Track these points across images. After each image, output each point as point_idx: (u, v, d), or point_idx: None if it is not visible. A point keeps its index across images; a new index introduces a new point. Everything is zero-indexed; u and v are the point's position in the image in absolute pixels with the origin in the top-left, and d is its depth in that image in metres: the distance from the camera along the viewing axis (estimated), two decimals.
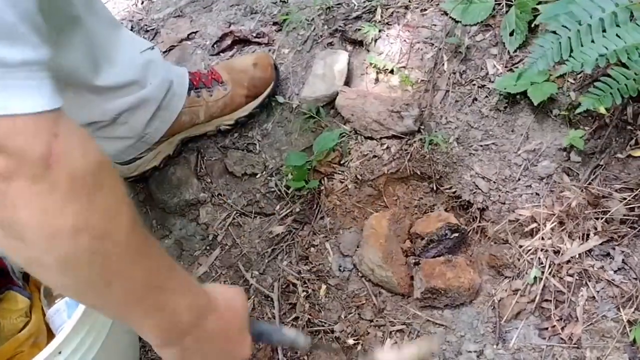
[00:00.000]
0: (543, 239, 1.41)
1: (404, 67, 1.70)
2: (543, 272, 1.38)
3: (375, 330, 1.42)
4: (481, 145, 1.56)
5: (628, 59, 1.20)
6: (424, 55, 1.71)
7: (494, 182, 1.51)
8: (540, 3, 1.61)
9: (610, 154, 1.47)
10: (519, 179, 1.50)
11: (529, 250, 1.42)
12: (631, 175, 1.43)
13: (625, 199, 1.39)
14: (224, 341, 0.93)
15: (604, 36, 1.21)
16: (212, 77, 1.68)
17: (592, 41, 1.22)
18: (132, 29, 2.07)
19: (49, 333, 1.33)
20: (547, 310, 1.36)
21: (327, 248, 1.55)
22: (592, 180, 1.45)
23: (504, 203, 1.49)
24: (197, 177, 1.71)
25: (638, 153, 1.44)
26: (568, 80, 1.56)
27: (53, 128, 0.64)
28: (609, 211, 1.39)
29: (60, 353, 1.05)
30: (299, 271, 1.52)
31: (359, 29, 1.76)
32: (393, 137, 1.61)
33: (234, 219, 1.64)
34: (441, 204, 1.57)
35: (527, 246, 1.42)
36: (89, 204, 0.68)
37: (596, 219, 1.40)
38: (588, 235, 1.39)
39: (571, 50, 1.24)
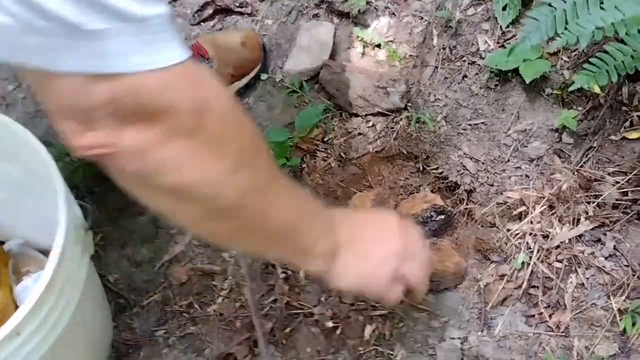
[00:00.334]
0: (532, 222, 1.38)
1: (391, 41, 1.64)
2: (531, 257, 1.35)
3: (357, 315, 1.39)
4: (470, 125, 1.52)
5: (626, 34, 1.16)
6: (413, 29, 1.65)
7: (483, 163, 1.48)
8: None
9: (603, 135, 1.44)
10: (509, 160, 1.47)
11: (517, 234, 1.39)
12: (625, 158, 1.40)
13: (618, 182, 1.37)
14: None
15: (602, 8, 1.17)
16: (198, 53, 1.61)
17: (589, 13, 1.18)
18: None
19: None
20: (535, 296, 1.34)
21: None
22: (584, 162, 1.42)
23: (492, 185, 1.46)
24: None
25: (633, 135, 1.41)
26: (562, 58, 1.52)
27: (195, 76, 0.65)
28: (601, 195, 1.37)
29: (18, 334, 0.96)
30: None
31: (346, 0, 1.71)
32: (379, 114, 1.56)
33: None
34: (427, 185, 1.53)
35: (515, 230, 1.40)
36: (240, 142, 0.70)
37: (587, 203, 1.37)
38: (579, 220, 1.37)
39: (566, 24, 1.20)
